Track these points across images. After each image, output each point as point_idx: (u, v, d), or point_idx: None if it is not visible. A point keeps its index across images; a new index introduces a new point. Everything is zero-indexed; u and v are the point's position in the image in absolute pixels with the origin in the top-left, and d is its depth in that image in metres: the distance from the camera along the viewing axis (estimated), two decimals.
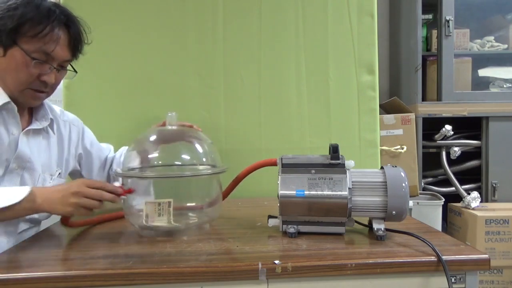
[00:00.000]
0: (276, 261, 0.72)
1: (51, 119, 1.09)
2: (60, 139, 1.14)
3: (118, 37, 1.54)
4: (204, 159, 1.01)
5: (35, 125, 1.05)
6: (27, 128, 1.02)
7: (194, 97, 1.56)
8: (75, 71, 1.06)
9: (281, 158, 0.92)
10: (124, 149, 1.30)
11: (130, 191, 0.92)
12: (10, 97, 0.96)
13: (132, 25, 1.55)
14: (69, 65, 1.04)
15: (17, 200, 0.86)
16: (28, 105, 1.04)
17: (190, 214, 1.02)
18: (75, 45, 1.00)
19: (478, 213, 1.86)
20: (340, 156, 0.90)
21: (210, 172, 0.97)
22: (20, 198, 0.87)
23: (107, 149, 1.33)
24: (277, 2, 1.61)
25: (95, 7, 1.52)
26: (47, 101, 1.11)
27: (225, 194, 1.02)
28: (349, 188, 0.87)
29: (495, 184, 2.12)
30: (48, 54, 0.95)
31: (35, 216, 1.01)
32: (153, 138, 1.03)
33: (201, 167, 0.99)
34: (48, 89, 1.00)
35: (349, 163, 0.90)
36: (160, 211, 0.88)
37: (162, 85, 1.55)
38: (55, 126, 1.12)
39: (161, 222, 0.88)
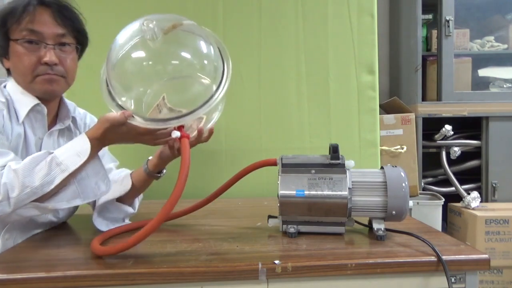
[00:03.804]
0: (276, 261, 0.72)
1: (72, 117, 1.12)
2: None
3: None
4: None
5: (58, 126, 1.08)
6: (50, 130, 1.05)
7: None
8: (78, 44, 1.03)
9: (281, 158, 0.92)
10: (124, 172, 1.12)
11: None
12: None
13: None
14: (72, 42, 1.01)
15: (86, 156, 0.85)
16: (50, 95, 1.01)
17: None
18: (64, 17, 0.98)
19: (478, 213, 1.86)
20: (340, 156, 0.90)
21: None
22: (87, 153, 0.85)
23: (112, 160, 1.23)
24: (277, 2, 1.61)
25: (93, 8, 1.52)
26: (70, 102, 1.14)
27: (221, 191, 0.99)
28: (349, 188, 0.87)
29: (495, 184, 2.11)
30: (36, 33, 0.95)
31: (54, 219, 1.05)
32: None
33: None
34: (57, 71, 0.98)
35: (349, 163, 0.90)
36: (159, 108, 0.83)
37: None
38: (77, 124, 1.14)
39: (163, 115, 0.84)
